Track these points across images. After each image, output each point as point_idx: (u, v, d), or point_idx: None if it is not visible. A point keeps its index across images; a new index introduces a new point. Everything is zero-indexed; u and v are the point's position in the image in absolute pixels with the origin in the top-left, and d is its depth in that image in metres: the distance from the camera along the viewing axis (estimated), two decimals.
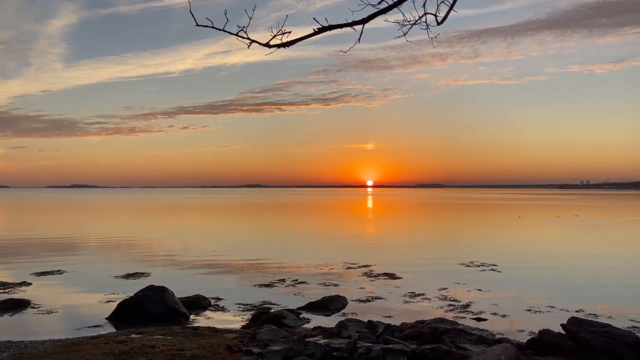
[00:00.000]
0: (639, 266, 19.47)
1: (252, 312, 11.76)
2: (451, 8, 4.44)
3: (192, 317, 11.52)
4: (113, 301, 12.65)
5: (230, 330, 9.84)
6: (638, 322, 11.09)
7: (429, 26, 4.55)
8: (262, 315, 10.95)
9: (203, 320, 11.30)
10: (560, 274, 17.57)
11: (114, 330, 10.29)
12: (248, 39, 4.40)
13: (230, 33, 4.29)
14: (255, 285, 15.19)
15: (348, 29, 4.34)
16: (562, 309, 12.19)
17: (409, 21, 4.53)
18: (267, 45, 4.41)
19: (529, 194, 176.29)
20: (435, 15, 4.48)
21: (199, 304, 12.42)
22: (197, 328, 10.02)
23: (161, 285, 11.93)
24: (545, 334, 9.02)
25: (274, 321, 10.37)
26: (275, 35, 4.36)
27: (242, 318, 11.42)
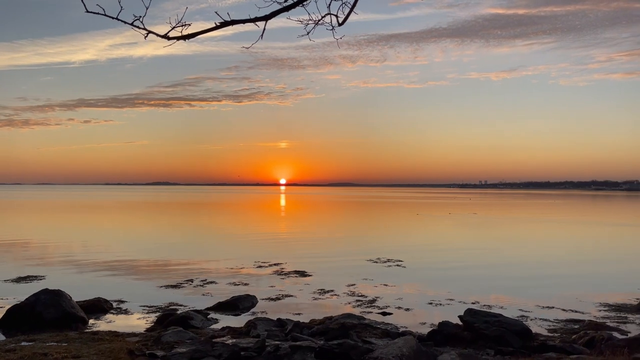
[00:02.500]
0: (528, 260, 21.13)
1: (157, 314, 11.33)
2: (351, 10, 4.55)
3: (91, 321, 10.89)
4: (1, 307, 11.64)
5: (133, 334, 9.41)
6: (526, 311, 12.03)
7: (334, 27, 4.64)
8: (167, 317, 10.59)
9: (103, 324, 10.72)
10: (459, 268, 18.65)
11: (2, 338, 9.47)
12: (144, 29, 4.22)
13: (125, 22, 4.09)
14: (161, 287, 14.67)
15: (254, 26, 4.31)
16: (460, 301, 12.94)
17: (312, 21, 4.58)
18: (166, 37, 4.25)
19: (432, 193, 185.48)
20: (337, 16, 4.57)
21: (99, 307, 11.76)
22: (97, 333, 9.49)
23: (57, 288, 11.14)
24: (444, 325, 9.54)
25: (181, 322, 10.08)
26: (174, 27, 4.22)
27: (147, 321, 10.98)
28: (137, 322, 10.93)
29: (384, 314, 11.80)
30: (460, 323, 9.57)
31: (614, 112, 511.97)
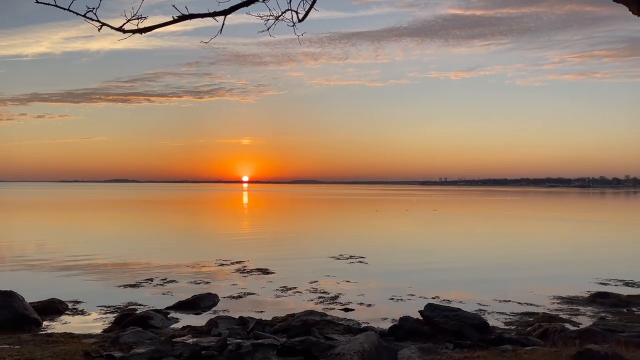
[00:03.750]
0: (486, 255, 21.68)
1: (115, 315, 11.07)
2: (311, 6, 4.54)
3: (45, 323, 10.54)
4: None
5: (89, 335, 9.17)
6: (484, 305, 12.35)
7: (295, 24, 4.62)
8: (126, 317, 10.36)
9: (59, 325, 10.40)
10: (420, 264, 18.96)
11: None
12: (98, 21, 4.09)
13: (77, 14, 3.95)
14: (119, 286, 14.33)
15: (214, 21, 4.24)
16: (420, 297, 13.16)
17: (273, 16, 4.55)
18: (121, 30, 4.14)
19: (394, 190, 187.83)
20: (297, 13, 4.56)
21: (54, 308, 11.40)
22: (51, 335, 9.19)
23: (8, 289, 10.73)
24: (405, 320, 9.69)
25: (140, 322, 9.87)
26: (129, 20, 4.11)
27: (104, 321, 10.71)
28: (94, 323, 10.65)
29: (347, 310, 11.89)
30: (420, 318, 9.73)
31: (566, 112, 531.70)
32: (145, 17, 4.11)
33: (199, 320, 10.73)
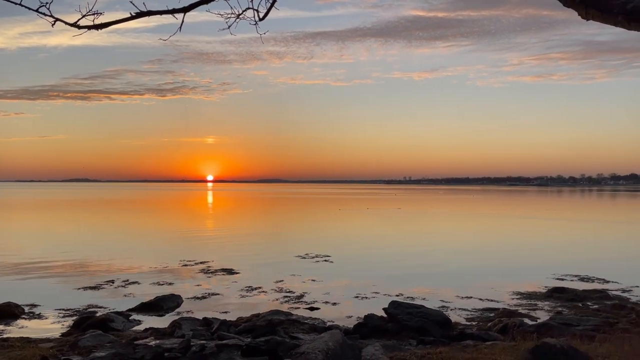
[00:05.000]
0: (450, 252, 22.08)
1: (74, 318, 10.77)
2: (272, 4, 4.52)
3: (0, 327, 10.16)
4: None
5: (47, 339, 8.90)
6: (446, 302, 12.58)
7: (257, 22, 4.59)
8: (86, 320, 10.10)
9: (15, 330, 10.04)
10: (385, 262, 19.15)
11: None
12: (51, 16, 3.97)
13: (29, 8, 3.82)
14: (78, 289, 13.95)
15: (175, 17, 4.18)
16: (385, 294, 13.30)
17: (234, 14, 4.51)
18: (76, 26, 4.02)
19: (359, 189, 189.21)
20: (258, 11, 4.53)
21: (9, 312, 11.00)
22: (7, 339, 8.87)
23: None
24: (369, 318, 9.78)
25: (100, 325, 9.64)
26: (84, 16, 4.00)
27: (63, 325, 10.41)
28: (51, 326, 10.33)
29: (312, 309, 11.91)
30: (385, 315, 9.84)
31: (525, 113, 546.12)
32: (101, 13, 4.01)
33: (162, 322, 10.55)
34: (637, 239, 28.36)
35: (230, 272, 16.64)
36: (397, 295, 13.04)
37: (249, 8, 4.50)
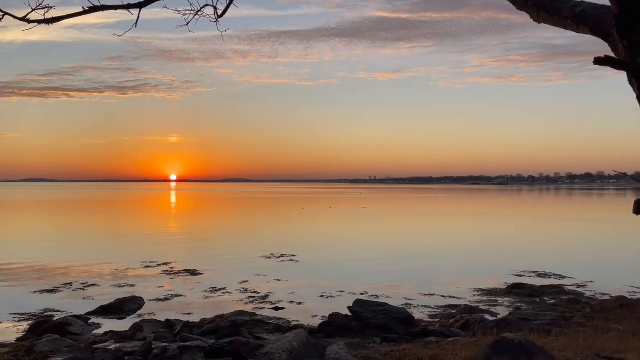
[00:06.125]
0: (413, 251, 22.38)
1: (30, 323, 10.41)
2: (231, 2, 4.46)
3: None
4: None
5: (2, 344, 8.58)
6: (410, 299, 12.75)
7: (217, 20, 4.51)
8: (42, 325, 9.78)
9: None
10: (350, 260, 19.27)
11: None
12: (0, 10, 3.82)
13: None
14: (35, 292, 13.49)
15: (141, 15, 4.07)
16: (350, 293, 13.38)
17: (192, 11, 4.43)
18: (25, 20, 3.88)
19: (324, 188, 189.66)
20: (216, 8, 4.47)
21: None
22: None
23: None
24: (334, 317, 9.82)
25: (57, 330, 9.36)
26: (34, 10, 3.86)
27: (18, 330, 10.05)
28: (6, 331, 9.97)
29: (277, 309, 11.87)
30: (349, 314, 9.90)
31: (486, 113, 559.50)
32: (51, 7, 3.88)
33: (123, 324, 10.32)
34: (591, 236, 29.43)
35: (193, 273, 16.41)
36: (361, 294, 13.12)
37: (207, 5, 4.42)
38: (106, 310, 11.41)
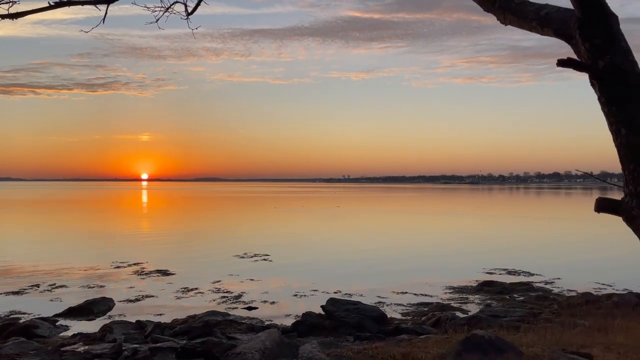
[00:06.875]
0: (386, 249, 22.55)
1: None
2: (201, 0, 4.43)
3: None
4: None
5: None
6: (383, 297, 12.85)
7: (188, 17, 4.47)
8: (8, 327, 9.51)
9: None
10: (323, 259, 19.30)
11: None
12: None
13: None
14: (0, 294, 13.11)
15: (110, 11, 3.98)
16: (323, 292, 13.40)
17: (162, 7, 4.38)
18: None
19: (298, 187, 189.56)
20: (186, 5, 4.42)
21: None
22: None
23: None
24: (307, 315, 9.83)
25: (23, 332, 9.12)
26: None
27: None
28: None
29: (250, 308, 11.81)
30: (323, 313, 9.92)
31: (458, 113, 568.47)
32: (16, 1, 3.77)
33: (92, 326, 10.13)
34: (559, 234, 30.16)
35: (165, 273, 16.20)
36: (335, 293, 13.16)
37: (177, 2, 4.37)
38: (75, 312, 11.17)
